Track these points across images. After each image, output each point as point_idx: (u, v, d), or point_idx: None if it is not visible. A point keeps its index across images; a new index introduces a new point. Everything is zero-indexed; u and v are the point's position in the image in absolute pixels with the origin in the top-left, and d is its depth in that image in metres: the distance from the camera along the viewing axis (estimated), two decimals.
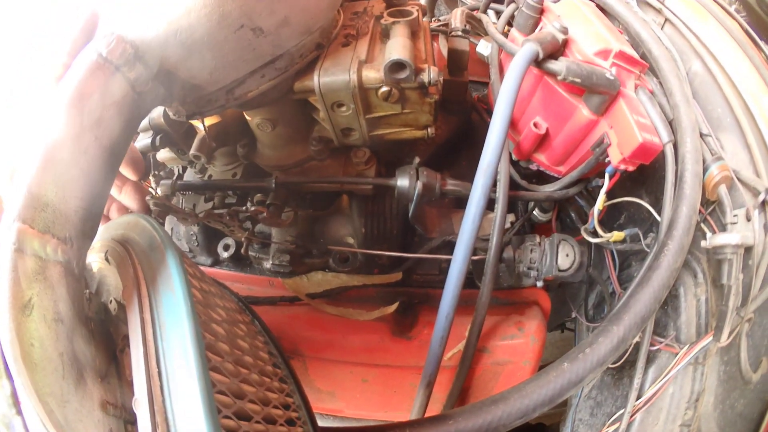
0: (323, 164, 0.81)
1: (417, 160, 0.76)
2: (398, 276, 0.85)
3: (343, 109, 0.70)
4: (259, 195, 0.86)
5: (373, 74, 0.66)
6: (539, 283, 0.83)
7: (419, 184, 0.74)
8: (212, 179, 0.86)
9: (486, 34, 0.93)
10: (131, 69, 0.56)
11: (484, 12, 1.06)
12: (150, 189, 0.91)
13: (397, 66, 0.64)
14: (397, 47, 0.65)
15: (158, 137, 0.87)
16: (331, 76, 0.66)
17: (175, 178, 0.91)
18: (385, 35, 0.72)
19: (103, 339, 0.56)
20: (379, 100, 0.69)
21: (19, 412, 0.54)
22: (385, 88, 0.67)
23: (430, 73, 0.67)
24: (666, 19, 0.88)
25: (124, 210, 0.87)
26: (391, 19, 0.72)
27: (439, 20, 1.14)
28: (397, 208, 0.85)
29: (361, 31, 0.74)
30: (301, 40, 0.65)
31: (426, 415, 0.77)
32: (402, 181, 0.75)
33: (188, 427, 0.45)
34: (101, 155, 0.54)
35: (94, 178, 0.54)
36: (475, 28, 1.00)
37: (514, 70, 0.67)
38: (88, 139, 0.53)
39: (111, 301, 0.60)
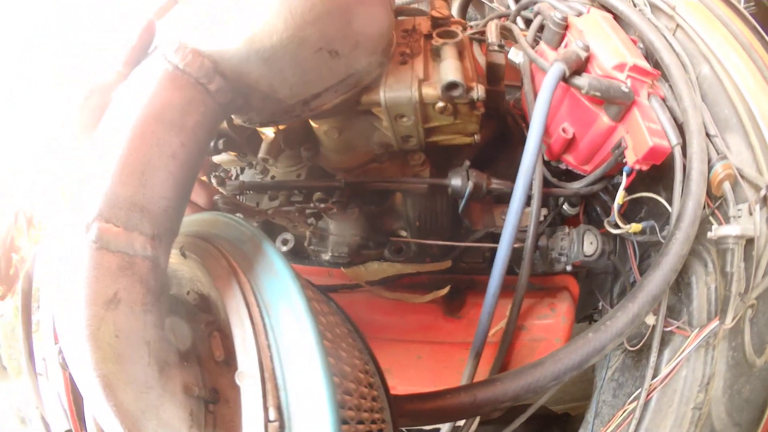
0: (382, 166, 0.93)
1: (467, 163, 0.89)
2: (448, 263, 0.98)
3: (405, 119, 0.82)
4: (318, 194, 1.00)
5: (431, 91, 0.78)
6: (568, 267, 0.95)
7: (470, 184, 0.87)
8: (281, 180, 0.98)
9: (516, 41, 1.05)
10: (211, 81, 0.61)
11: (513, 21, 1.19)
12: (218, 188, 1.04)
13: (452, 86, 0.77)
14: (451, 69, 0.77)
15: (221, 141, 0.99)
16: (396, 92, 0.78)
17: (235, 178, 1.05)
18: (436, 54, 0.84)
19: (181, 327, 0.59)
20: (436, 112, 0.81)
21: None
22: (441, 104, 0.79)
23: (478, 91, 0.79)
24: (677, 25, 0.97)
25: (192, 208, 0.94)
26: (441, 41, 0.84)
27: (471, 27, 1.26)
28: (447, 204, 0.98)
29: (414, 50, 0.85)
30: (368, 60, 0.76)
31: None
32: (455, 181, 0.88)
33: (304, 390, 0.50)
34: (188, 159, 0.58)
35: (180, 180, 0.57)
36: (505, 36, 1.12)
37: (546, 87, 0.81)
38: (175, 145, 0.57)
39: (188, 292, 0.66)
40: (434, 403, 0.71)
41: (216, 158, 1.05)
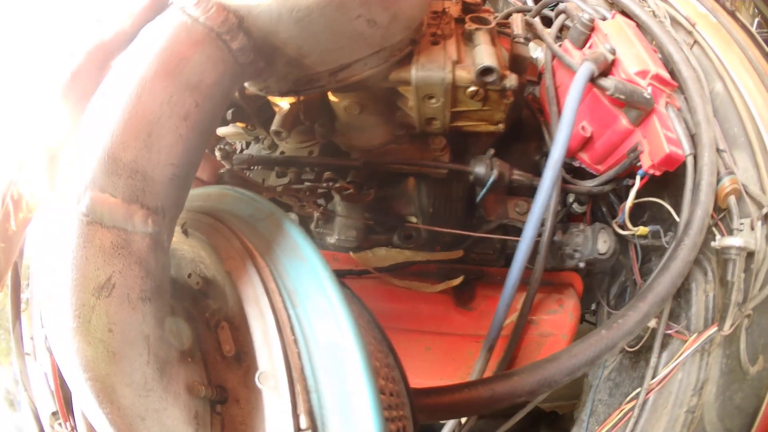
0: (401, 148, 0.92)
1: (492, 151, 0.89)
2: (460, 253, 0.98)
3: (433, 101, 0.81)
4: (328, 173, 0.99)
5: (465, 74, 0.78)
6: (581, 264, 0.97)
7: (495, 173, 0.88)
8: (294, 155, 0.96)
9: (536, 36, 1.07)
10: (234, 38, 0.57)
11: (535, 17, 1.22)
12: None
13: (487, 71, 0.76)
14: (487, 54, 0.77)
15: (230, 111, 0.96)
16: (428, 71, 0.77)
17: (240, 152, 1.02)
18: (468, 39, 0.84)
19: (182, 316, 0.54)
20: (466, 97, 0.81)
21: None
22: (473, 88, 0.79)
23: (511, 80, 0.79)
24: (695, 41, 1.02)
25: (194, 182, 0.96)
26: (475, 26, 0.83)
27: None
28: (463, 192, 0.98)
29: (446, 32, 0.85)
30: (403, 35, 0.75)
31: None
32: (479, 168, 0.89)
33: (341, 393, 0.44)
34: (201, 123, 0.53)
35: (191, 144, 0.52)
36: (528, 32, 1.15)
37: (576, 85, 0.83)
38: (189, 105, 0.52)
39: (190, 275, 0.58)
40: (452, 397, 0.71)
41: (220, 131, 1.02)
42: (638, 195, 0.93)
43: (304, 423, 0.43)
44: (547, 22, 1.30)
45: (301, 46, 0.64)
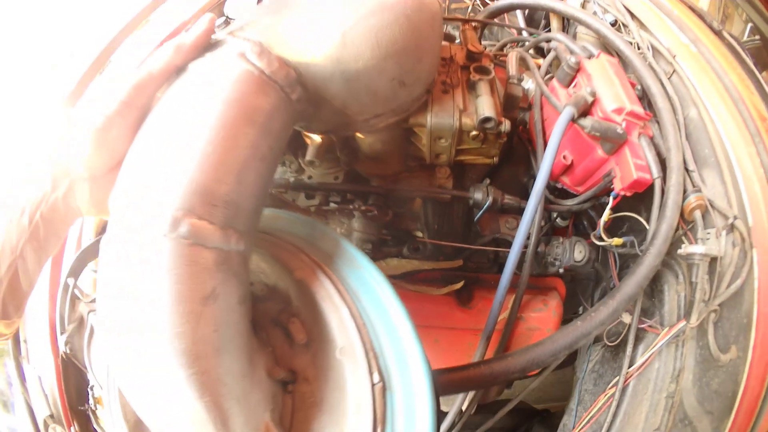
0: (412, 175, 1.11)
1: (488, 180, 1.09)
2: (460, 262, 1.17)
3: (442, 141, 0.99)
4: (349, 195, 1.17)
5: (469, 122, 0.95)
6: (561, 270, 1.17)
7: (490, 198, 1.07)
8: (327, 181, 1.13)
9: (528, 67, 1.20)
10: (293, 91, 0.65)
11: (528, 51, 1.37)
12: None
13: (486, 120, 0.94)
14: (487, 105, 0.95)
15: None
16: (440, 119, 0.95)
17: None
18: (471, 88, 1.02)
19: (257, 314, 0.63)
20: (469, 138, 0.99)
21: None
22: (474, 132, 0.97)
23: (506, 125, 0.98)
24: (674, 70, 1.14)
25: None
26: (478, 76, 1.01)
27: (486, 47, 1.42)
28: (462, 212, 1.17)
29: (454, 81, 1.02)
30: (422, 90, 0.90)
31: None
32: (477, 195, 1.08)
33: (401, 359, 0.58)
34: (273, 161, 0.63)
35: (266, 180, 0.62)
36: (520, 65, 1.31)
37: (558, 128, 0.96)
38: (265, 148, 0.60)
39: (252, 284, 0.68)
40: (460, 374, 0.88)
41: None
42: (618, 209, 1.06)
43: (377, 378, 0.57)
44: (540, 49, 1.46)
45: (346, 99, 0.75)
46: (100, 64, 1.16)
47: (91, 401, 0.85)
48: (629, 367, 1.03)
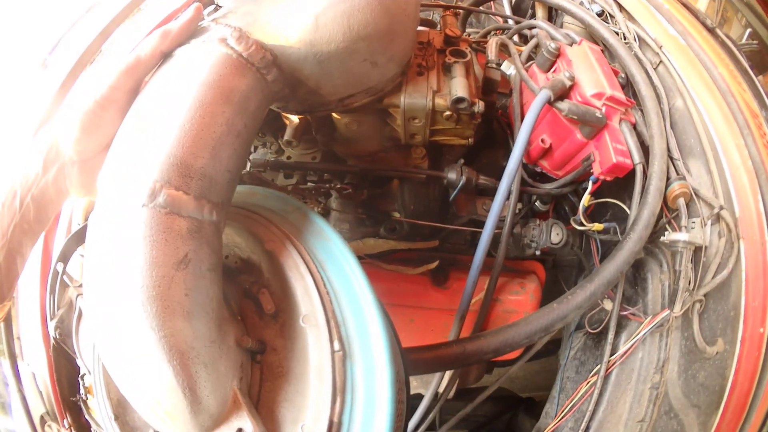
0: (388, 156, 1.12)
1: (462, 160, 1.11)
2: (435, 243, 1.20)
3: (416, 121, 1.01)
4: (327, 175, 1.20)
5: (442, 102, 0.97)
6: (537, 252, 1.18)
7: (463, 178, 1.08)
8: (303, 161, 1.15)
9: (510, 54, 1.22)
10: (269, 72, 0.69)
11: (510, 38, 1.39)
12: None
13: (459, 100, 0.96)
14: (461, 86, 0.96)
15: None
16: (414, 99, 0.96)
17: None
18: (447, 70, 1.04)
19: (229, 286, 0.66)
20: (443, 119, 1.01)
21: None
22: (448, 113, 0.99)
23: (479, 106, 0.99)
24: (660, 61, 1.17)
25: None
26: (453, 59, 1.03)
27: (471, 37, 1.43)
28: (438, 192, 1.19)
29: (429, 63, 1.04)
30: (396, 71, 0.93)
31: None
32: (451, 174, 1.09)
33: (361, 326, 0.59)
34: (247, 138, 0.66)
35: (241, 155, 0.65)
36: (502, 50, 1.34)
37: (532, 110, 0.99)
38: (240, 125, 0.64)
39: (227, 257, 0.71)
40: (432, 353, 0.90)
41: None
42: (600, 195, 1.08)
43: (337, 346, 0.59)
44: (524, 37, 1.47)
45: (319, 80, 0.79)
46: (92, 54, 1.20)
47: (82, 391, 0.86)
48: (611, 354, 1.03)
